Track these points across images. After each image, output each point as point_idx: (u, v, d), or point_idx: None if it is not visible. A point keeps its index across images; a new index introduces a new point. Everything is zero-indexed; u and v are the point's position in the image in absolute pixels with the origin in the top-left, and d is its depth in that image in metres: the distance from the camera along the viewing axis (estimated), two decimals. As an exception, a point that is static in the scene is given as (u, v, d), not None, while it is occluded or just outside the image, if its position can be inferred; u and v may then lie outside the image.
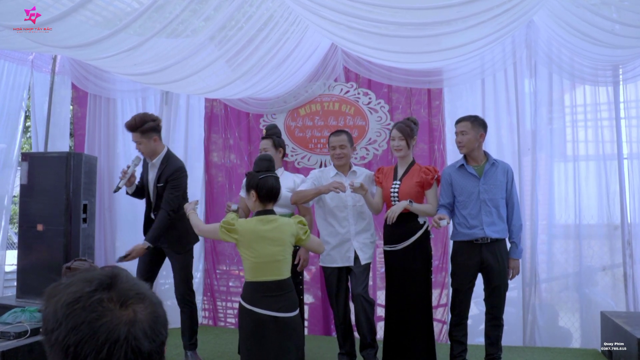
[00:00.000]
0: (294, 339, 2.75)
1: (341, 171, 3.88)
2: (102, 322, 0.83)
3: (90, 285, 0.87)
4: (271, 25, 3.96)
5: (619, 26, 3.74)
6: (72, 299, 0.85)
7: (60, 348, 0.83)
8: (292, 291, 2.80)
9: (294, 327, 2.76)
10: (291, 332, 2.72)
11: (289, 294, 2.77)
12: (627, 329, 3.59)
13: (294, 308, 2.78)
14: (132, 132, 3.73)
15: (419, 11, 3.45)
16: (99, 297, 0.86)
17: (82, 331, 0.83)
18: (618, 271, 4.37)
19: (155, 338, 0.88)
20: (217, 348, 4.42)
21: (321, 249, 3.15)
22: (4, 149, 4.96)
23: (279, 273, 2.75)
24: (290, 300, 2.76)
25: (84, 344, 0.82)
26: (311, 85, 4.89)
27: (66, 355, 0.83)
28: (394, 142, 3.75)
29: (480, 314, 4.22)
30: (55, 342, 0.84)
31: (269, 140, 3.97)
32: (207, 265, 5.17)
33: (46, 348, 0.87)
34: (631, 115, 4.45)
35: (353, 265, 3.76)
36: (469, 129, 3.61)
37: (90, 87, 5.27)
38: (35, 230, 4.46)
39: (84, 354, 0.82)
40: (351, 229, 3.79)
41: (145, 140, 3.72)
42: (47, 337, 0.86)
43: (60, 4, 3.16)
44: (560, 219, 4.49)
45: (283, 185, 3.92)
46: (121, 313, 0.86)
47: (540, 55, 4.47)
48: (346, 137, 3.85)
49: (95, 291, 0.87)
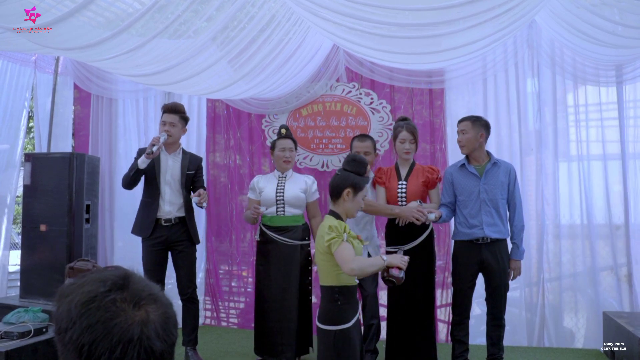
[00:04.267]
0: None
1: None
2: (116, 322, 0.85)
3: (104, 286, 0.89)
4: (273, 26, 3.96)
5: (622, 28, 3.73)
6: (87, 299, 0.87)
7: (74, 347, 0.84)
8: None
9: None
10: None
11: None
12: (629, 329, 3.58)
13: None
14: (171, 114, 3.84)
15: (420, 12, 3.44)
16: (113, 297, 0.87)
17: (97, 330, 0.84)
18: (621, 271, 4.36)
19: (167, 338, 0.90)
20: (218, 348, 4.43)
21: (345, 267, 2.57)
22: (7, 150, 4.97)
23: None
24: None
25: (98, 343, 0.83)
26: (313, 85, 4.89)
27: (80, 354, 0.84)
28: (403, 144, 3.73)
29: (482, 314, 4.22)
30: (69, 341, 0.85)
31: (290, 141, 4.00)
32: (209, 266, 5.18)
33: (59, 347, 0.88)
34: (631, 115, 4.44)
35: None
36: (469, 129, 3.61)
37: (92, 87, 5.29)
38: (39, 231, 4.47)
39: (98, 353, 0.83)
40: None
41: (180, 125, 3.90)
42: (61, 336, 0.87)
43: (63, 5, 3.17)
44: (563, 219, 4.48)
45: (295, 186, 3.95)
46: (134, 313, 0.87)
47: (543, 55, 4.47)
48: (371, 144, 3.88)
49: (109, 291, 0.88)
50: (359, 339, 2.68)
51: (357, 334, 2.67)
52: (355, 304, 2.69)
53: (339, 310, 2.61)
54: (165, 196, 3.86)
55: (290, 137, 4.03)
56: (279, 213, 3.90)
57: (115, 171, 5.32)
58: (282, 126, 4.10)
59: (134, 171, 3.76)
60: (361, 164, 2.75)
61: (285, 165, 3.98)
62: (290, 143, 4.00)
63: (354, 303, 2.69)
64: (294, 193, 3.90)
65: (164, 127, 3.83)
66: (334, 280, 2.63)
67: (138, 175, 3.81)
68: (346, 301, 2.62)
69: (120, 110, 5.38)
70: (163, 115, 3.88)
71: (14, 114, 5.05)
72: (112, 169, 5.34)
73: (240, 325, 5.08)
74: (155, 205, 3.85)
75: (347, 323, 2.59)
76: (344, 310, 2.61)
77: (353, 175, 2.71)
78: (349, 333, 2.59)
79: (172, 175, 3.89)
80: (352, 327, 2.61)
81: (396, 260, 2.68)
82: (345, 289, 2.63)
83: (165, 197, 3.85)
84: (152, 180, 3.85)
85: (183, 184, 3.90)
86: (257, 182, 4.06)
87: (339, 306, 2.61)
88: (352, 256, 2.54)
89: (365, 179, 2.75)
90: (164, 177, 3.87)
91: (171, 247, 3.90)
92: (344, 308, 2.61)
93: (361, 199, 2.74)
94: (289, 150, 3.97)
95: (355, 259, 2.55)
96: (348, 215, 2.75)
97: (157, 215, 3.84)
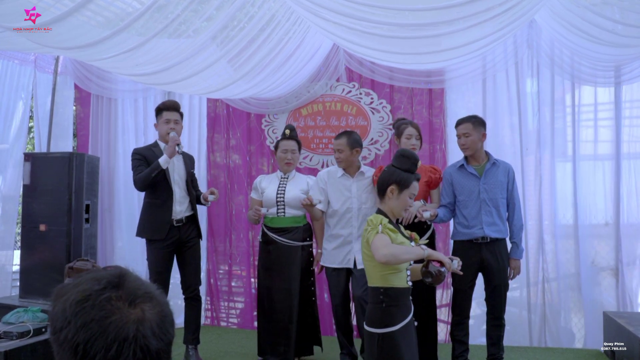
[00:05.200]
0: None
1: (348, 172, 3.85)
2: (111, 320, 0.84)
3: (99, 284, 0.88)
4: (273, 25, 3.96)
5: (622, 27, 3.73)
6: (81, 297, 0.86)
7: (69, 346, 0.84)
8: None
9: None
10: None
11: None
12: (629, 329, 3.58)
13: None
14: (173, 112, 3.85)
15: (420, 12, 3.44)
16: (107, 295, 0.87)
17: (92, 329, 0.83)
18: (620, 271, 4.36)
19: (163, 337, 0.89)
20: (219, 348, 4.42)
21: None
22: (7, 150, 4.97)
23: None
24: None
25: (93, 341, 0.82)
26: (313, 85, 4.89)
27: (75, 354, 0.83)
28: (409, 140, 3.71)
29: (482, 314, 4.21)
30: (64, 340, 0.84)
31: (294, 142, 3.97)
32: (209, 265, 5.17)
33: (54, 347, 0.88)
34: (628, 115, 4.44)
35: (353, 267, 3.76)
36: (472, 130, 3.60)
37: (92, 87, 5.29)
38: (38, 231, 4.47)
39: (93, 352, 0.82)
40: (354, 231, 3.77)
41: (181, 122, 3.92)
42: (56, 335, 0.87)
43: (62, 4, 3.16)
44: (562, 218, 4.48)
45: (297, 187, 3.93)
46: (130, 311, 0.86)
47: (542, 55, 4.46)
48: (344, 141, 3.76)
49: (104, 289, 0.87)
50: (408, 344, 2.50)
51: (406, 339, 2.49)
52: (404, 307, 2.52)
53: (384, 313, 2.48)
54: (176, 196, 3.83)
55: (295, 139, 4.00)
56: (280, 214, 3.89)
57: (115, 171, 5.32)
58: (288, 127, 4.04)
59: (156, 172, 3.64)
60: (409, 159, 2.59)
61: (287, 167, 3.96)
62: (294, 145, 3.96)
63: (403, 306, 2.52)
64: (295, 194, 3.89)
65: (168, 125, 3.79)
66: (379, 281, 2.50)
67: (159, 175, 3.69)
68: (392, 303, 2.48)
69: (120, 110, 5.38)
70: (164, 113, 3.83)
71: (15, 113, 5.04)
72: (112, 169, 5.34)
73: (240, 325, 5.08)
74: (167, 206, 3.77)
75: (392, 326, 2.45)
76: (389, 312, 2.47)
77: (399, 171, 2.58)
78: (394, 337, 2.45)
79: (179, 175, 3.89)
80: (398, 331, 2.46)
81: (438, 255, 2.50)
82: (392, 290, 2.49)
83: (176, 197, 3.82)
84: (162, 181, 3.76)
85: (188, 183, 3.92)
86: (260, 182, 4.05)
87: (383, 308, 2.47)
88: (386, 244, 2.40)
89: (413, 175, 2.58)
90: (173, 177, 3.84)
91: (181, 245, 3.87)
92: (389, 310, 2.47)
93: (407, 198, 2.57)
94: (291, 152, 3.94)
95: (388, 245, 2.39)
96: (394, 215, 2.61)
97: (171, 216, 3.78)
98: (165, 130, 3.80)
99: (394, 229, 2.50)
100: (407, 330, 2.50)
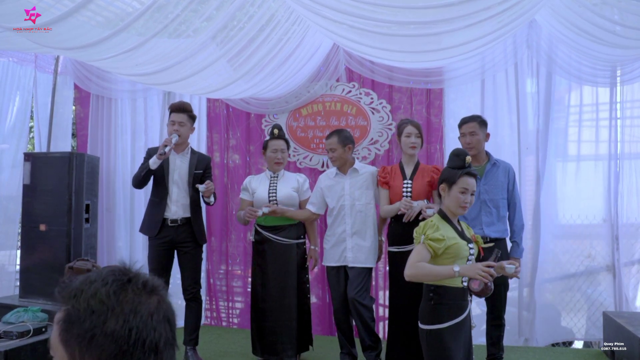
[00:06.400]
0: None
1: (341, 171, 3.87)
2: (142, 308, 0.89)
3: (119, 276, 0.93)
4: (272, 25, 3.96)
5: (620, 28, 3.73)
6: (117, 288, 0.90)
7: (112, 338, 0.86)
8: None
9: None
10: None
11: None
12: (629, 329, 3.58)
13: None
14: (180, 113, 3.84)
15: (420, 10, 3.45)
16: (132, 286, 0.92)
17: (141, 312, 0.89)
18: (620, 271, 4.36)
19: (175, 324, 0.96)
20: (218, 348, 4.42)
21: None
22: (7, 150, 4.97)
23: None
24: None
25: (145, 322, 0.88)
26: (313, 85, 4.89)
27: (122, 343, 0.86)
28: (409, 138, 3.69)
29: (482, 314, 4.21)
30: (112, 332, 0.86)
31: (282, 142, 3.98)
32: (210, 266, 5.17)
33: (77, 348, 0.87)
34: (628, 115, 4.44)
35: (349, 266, 3.77)
36: (478, 130, 3.61)
37: (92, 87, 5.29)
38: (38, 230, 4.47)
39: (145, 333, 0.88)
40: (347, 228, 3.78)
41: (189, 124, 3.90)
42: (92, 332, 0.86)
43: (62, 4, 3.17)
44: (562, 218, 4.49)
45: (288, 185, 3.95)
46: (149, 300, 0.92)
47: (542, 55, 4.46)
48: (335, 140, 3.80)
49: (129, 281, 0.93)
50: (458, 345, 2.49)
51: (457, 339, 2.49)
52: (456, 307, 2.51)
53: (432, 310, 2.50)
54: (173, 196, 3.86)
55: (283, 138, 4.00)
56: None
57: (114, 171, 5.32)
58: (275, 126, 4.05)
59: (145, 171, 3.76)
60: (458, 157, 2.62)
61: (277, 166, 3.97)
62: (283, 144, 3.97)
63: (454, 305, 2.51)
64: (287, 192, 3.91)
65: (173, 126, 3.82)
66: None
67: (148, 176, 3.82)
68: (441, 301, 2.49)
69: (119, 110, 5.38)
70: (171, 115, 3.87)
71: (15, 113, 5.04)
72: (112, 169, 5.34)
73: (240, 325, 5.08)
74: (163, 204, 3.85)
75: (440, 324, 2.47)
76: (437, 310, 2.49)
77: (448, 169, 2.62)
78: (441, 335, 2.46)
79: (180, 175, 3.89)
80: (446, 330, 2.46)
81: (470, 272, 2.40)
82: (442, 289, 2.49)
83: (173, 197, 3.86)
84: (160, 180, 3.86)
85: (190, 184, 3.90)
86: (249, 182, 4.06)
87: (432, 306, 2.50)
88: (418, 260, 2.44)
89: (459, 171, 2.57)
90: (172, 176, 3.87)
91: (176, 247, 3.91)
92: (437, 308, 2.49)
93: (458, 194, 2.56)
94: (281, 151, 3.95)
95: (415, 264, 2.43)
96: (452, 213, 2.61)
97: (164, 215, 3.85)
98: (169, 131, 3.85)
99: (440, 238, 2.47)
100: (458, 330, 2.50)
